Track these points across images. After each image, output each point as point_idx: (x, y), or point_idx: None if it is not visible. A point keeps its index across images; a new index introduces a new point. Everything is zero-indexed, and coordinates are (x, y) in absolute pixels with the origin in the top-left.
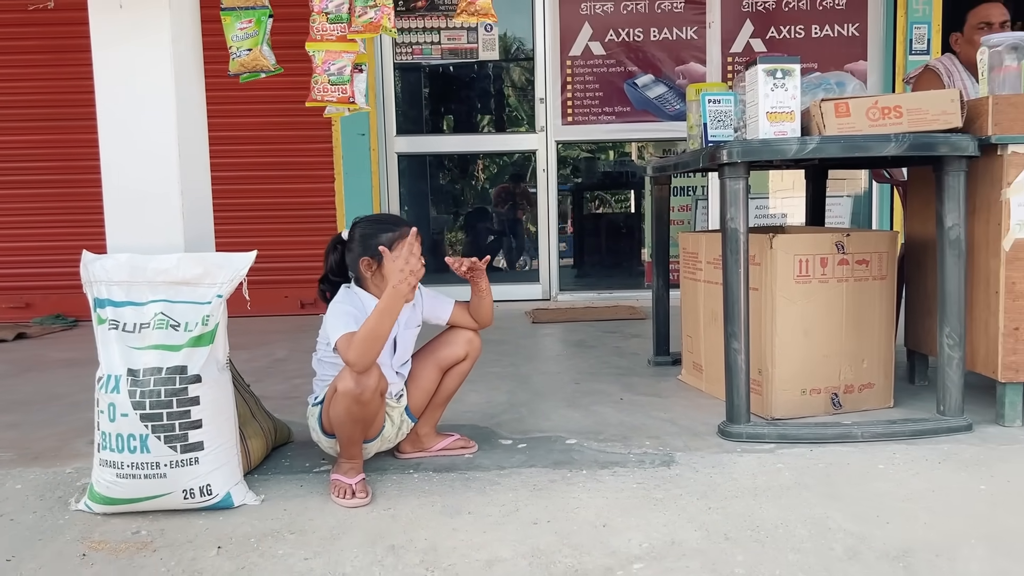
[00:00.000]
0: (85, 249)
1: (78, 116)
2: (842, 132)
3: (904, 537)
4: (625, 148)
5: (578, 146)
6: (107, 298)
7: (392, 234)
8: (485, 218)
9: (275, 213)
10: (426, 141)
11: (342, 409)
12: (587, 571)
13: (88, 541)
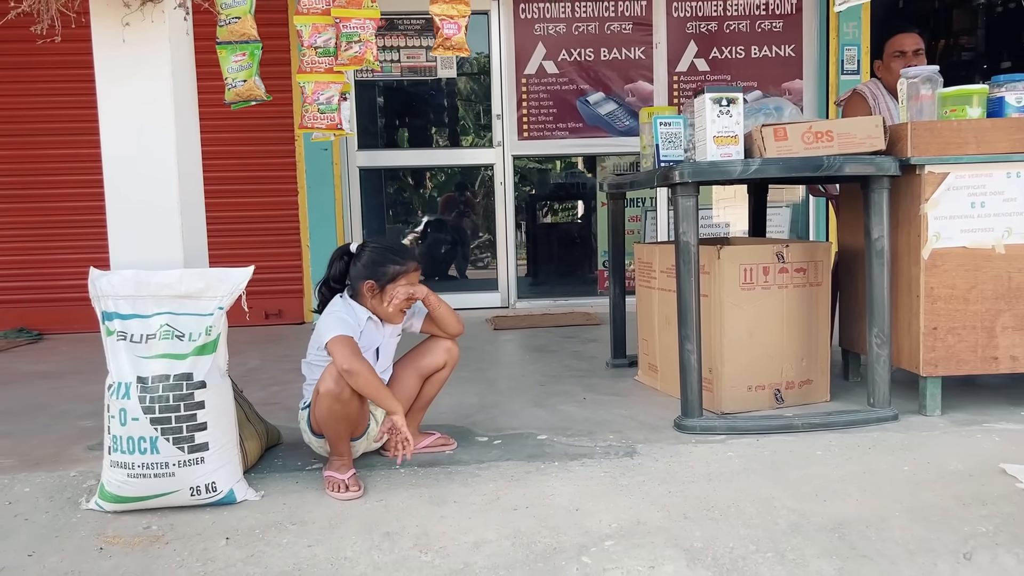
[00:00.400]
0: (92, 266)
1: (38, 132)
2: (780, 155)
3: (839, 512)
4: (574, 161)
5: (530, 159)
6: (114, 311)
7: (399, 267)
8: (442, 229)
9: (241, 226)
10: (387, 155)
11: (325, 408)
12: (564, 548)
13: (103, 536)
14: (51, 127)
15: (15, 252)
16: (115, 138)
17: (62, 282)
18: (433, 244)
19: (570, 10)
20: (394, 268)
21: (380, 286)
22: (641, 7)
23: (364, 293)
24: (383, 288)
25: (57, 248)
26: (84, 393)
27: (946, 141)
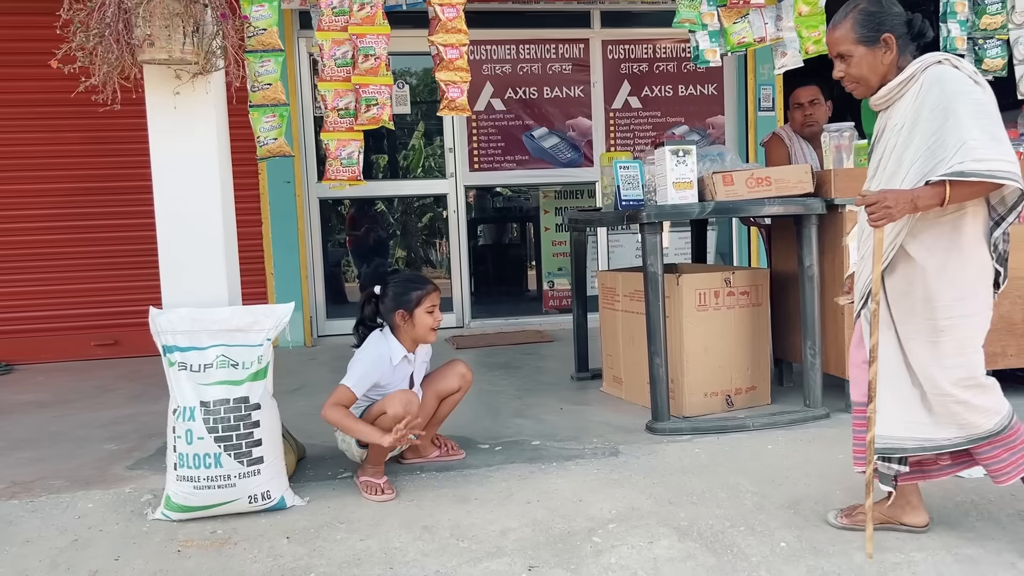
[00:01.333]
0: (153, 306)
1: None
2: (729, 198)
3: (792, 493)
4: (521, 190)
5: (480, 189)
6: (174, 344)
7: (420, 292)
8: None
9: None
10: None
11: (388, 427)
12: (576, 532)
13: (177, 541)
14: (12, 163)
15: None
16: (166, 193)
17: (31, 313)
18: (386, 268)
19: (515, 52)
20: (417, 294)
21: (409, 312)
22: (579, 50)
23: (398, 323)
24: (412, 313)
25: (26, 280)
26: (90, 420)
27: (862, 184)
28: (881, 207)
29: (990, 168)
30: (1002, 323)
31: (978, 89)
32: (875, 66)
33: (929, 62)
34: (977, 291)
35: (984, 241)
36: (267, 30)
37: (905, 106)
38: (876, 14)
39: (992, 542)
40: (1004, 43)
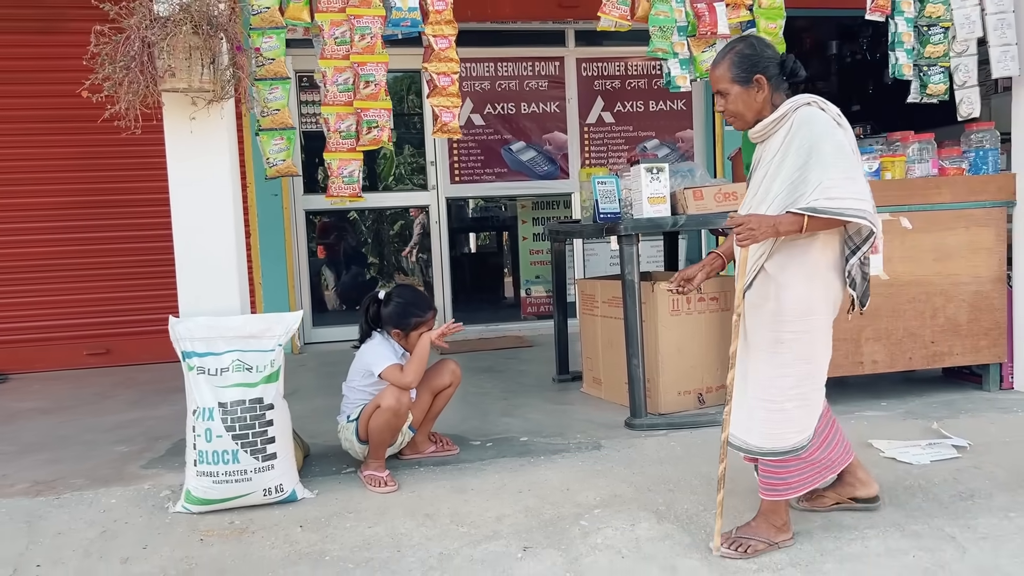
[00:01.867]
0: (173, 315)
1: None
2: (699, 211)
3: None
4: (500, 201)
5: (461, 200)
6: (192, 351)
7: (419, 319)
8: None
9: None
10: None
11: (383, 421)
12: (565, 516)
13: (198, 531)
14: (5, 178)
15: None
16: (183, 210)
17: (24, 324)
18: (371, 277)
19: (493, 69)
20: (415, 320)
21: (405, 334)
22: (555, 67)
23: (393, 336)
24: (407, 335)
25: (20, 292)
26: (96, 425)
27: None
28: (746, 229)
29: (840, 207)
30: (948, 324)
31: (840, 131)
32: (749, 103)
33: (800, 103)
34: (819, 309)
35: (834, 267)
36: (275, 60)
37: (777, 141)
38: (750, 56)
39: (936, 519)
40: (946, 70)
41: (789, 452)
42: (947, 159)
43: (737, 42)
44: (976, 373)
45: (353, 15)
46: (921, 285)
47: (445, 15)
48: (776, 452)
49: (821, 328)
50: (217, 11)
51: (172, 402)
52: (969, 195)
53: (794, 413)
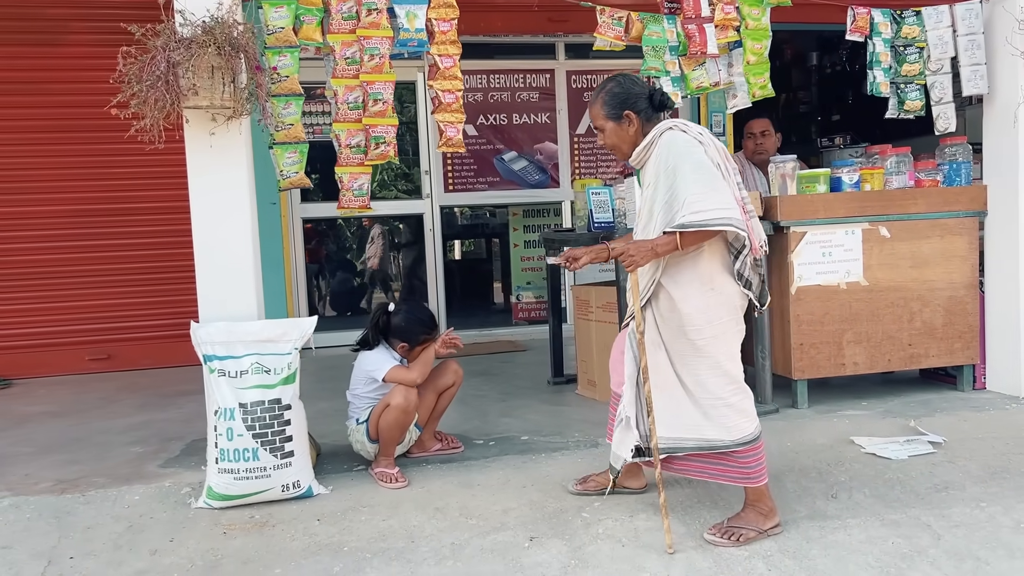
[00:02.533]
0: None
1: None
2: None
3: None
4: (491, 209)
5: (454, 208)
6: (213, 354)
7: (426, 336)
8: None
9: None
10: (327, 207)
11: (393, 419)
12: (567, 509)
13: (221, 525)
14: (10, 186)
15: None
16: (203, 221)
17: (28, 330)
18: (367, 283)
19: (486, 81)
20: (423, 337)
21: (411, 347)
22: (546, 79)
23: (397, 348)
24: (412, 349)
25: (23, 298)
26: (107, 428)
27: (803, 209)
28: (627, 256)
29: (704, 218)
30: (925, 328)
31: (700, 148)
32: (623, 137)
33: (663, 128)
34: (720, 314)
35: (725, 272)
36: (289, 77)
37: (651, 166)
38: (619, 95)
39: (913, 509)
40: (922, 87)
41: (753, 440)
42: (923, 171)
43: (608, 82)
44: (951, 374)
45: (363, 36)
46: (899, 291)
47: (450, 35)
48: (742, 442)
49: (730, 327)
50: (237, 32)
51: (177, 406)
52: (944, 205)
53: (741, 405)
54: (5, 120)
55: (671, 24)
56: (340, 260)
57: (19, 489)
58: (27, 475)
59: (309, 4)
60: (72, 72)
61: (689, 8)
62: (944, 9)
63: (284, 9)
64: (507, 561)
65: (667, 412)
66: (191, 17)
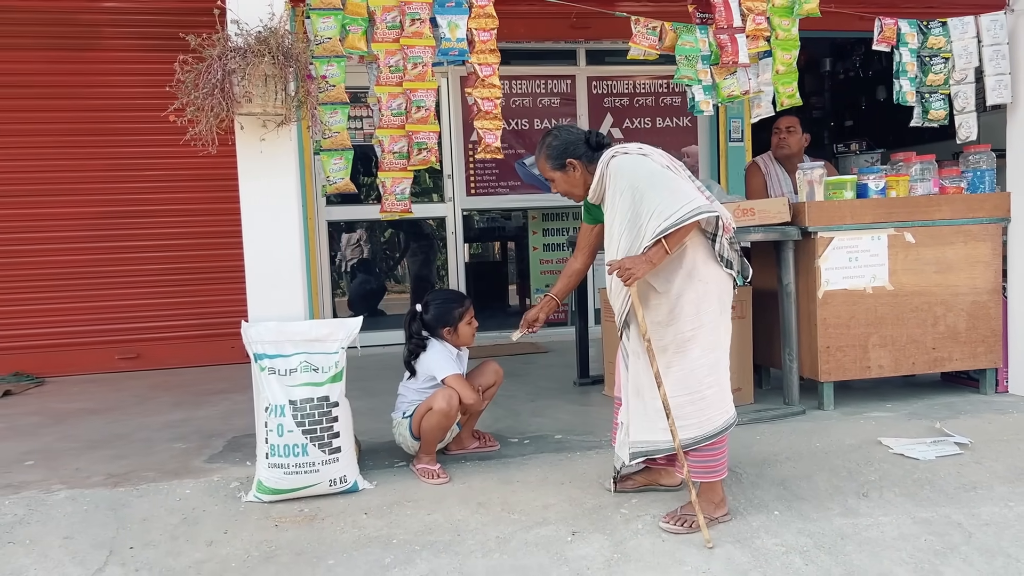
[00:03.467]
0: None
1: (34, 192)
2: None
3: (781, 473)
4: (512, 213)
5: (476, 212)
6: (263, 353)
7: (461, 309)
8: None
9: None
10: (352, 210)
11: (435, 421)
12: (606, 506)
13: (272, 518)
14: (42, 188)
15: (9, 302)
16: (253, 224)
17: (60, 329)
18: (390, 284)
19: (508, 87)
20: (458, 311)
21: (454, 327)
22: (566, 85)
23: (445, 336)
24: (456, 328)
25: (55, 298)
26: (147, 424)
27: (831, 215)
28: (625, 270)
29: (679, 218)
30: (948, 332)
31: (647, 160)
32: (572, 182)
33: (607, 159)
34: (710, 302)
35: (710, 259)
36: (336, 86)
37: (608, 197)
38: (557, 147)
39: (943, 508)
40: (946, 97)
41: (720, 432)
42: (947, 178)
43: (546, 136)
44: (974, 377)
45: (406, 45)
46: (923, 295)
47: (489, 45)
48: (709, 436)
49: (716, 316)
50: (289, 41)
51: (211, 403)
52: (968, 212)
53: (714, 398)
54: (39, 123)
55: (704, 34)
56: (363, 261)
57: (73, 482)
58: (78, 469)
59: (355, 14)
60: (104, 76)
61: (721, 19)
62: (970, 20)
63: (331, 19)
64: (551, 554)
65: (645, 417)
66: (245, 27)
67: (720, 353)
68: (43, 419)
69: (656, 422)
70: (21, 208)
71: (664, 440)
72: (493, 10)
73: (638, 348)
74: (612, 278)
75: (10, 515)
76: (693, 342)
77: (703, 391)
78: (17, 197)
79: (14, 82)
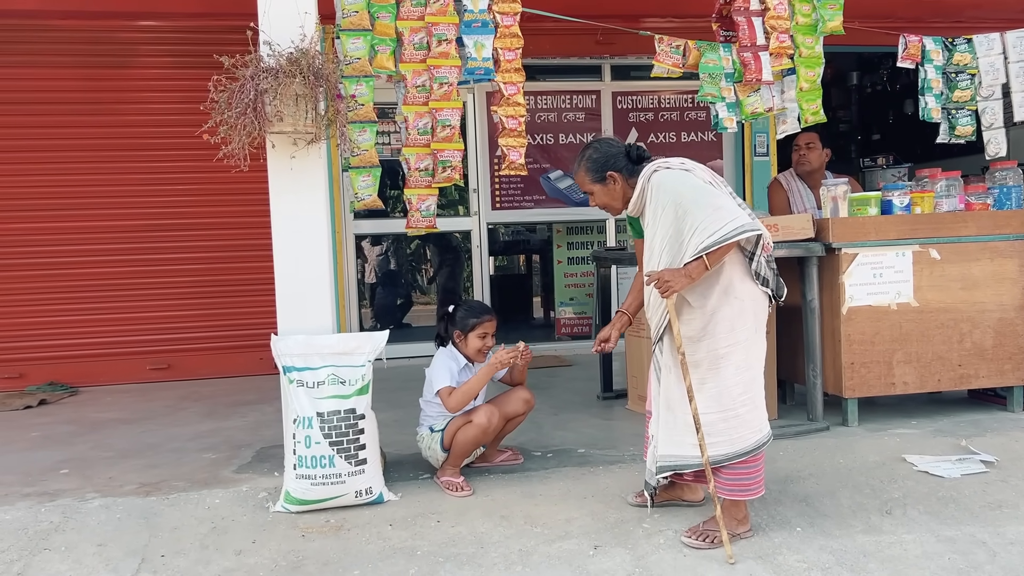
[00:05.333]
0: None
1: (68, 207)
2: None
3: (804, 490)
4: (537, 226)
5: (501, 225)
6: (291, 365)
7: (474, 320)
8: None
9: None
10: (380, 223)
11: (471, 436)
12: (627, 520)
13: (299, 528)
14: (77, 202)
15: (45, 313)
16: (284, 238)
17: (92, 339)
18: (416, 297)
19: (533, 102)
20: (472, 321)
21: (464, 334)
22: (591, 100)
23: (457, 340)
24: (466, 336)
25: (89, 309)
26: (178, 435)
27: (855, 231)
28: (663, 282)
29: (722, 235)
30: (975, 349)
31: (690, 176)
32: (612, 195)
33: (648, 173)
34: (746, 321)
35: (747, 277)
36: (364, 106)
37: (648, 211)
38: (598, 159)
39: (967, 526)
40: (973, 113)
41: (752, 451)
42: (973, 195)
43: (586, 149)
44: (1001, 395)
45: (433, 65)
46: (949, 312)
47: (514, 64)
48: (741, 453)
49: (751, 335)
50: (320, 62)
51: (240, 415)
52: (994, 228)
53: (747, 416)
54: (73, 139)
55: (727, 52)
56: (389, 274)
57: (106, 491)
58: (111, 478)
59: (383, 35)
60: (139, 93)
61: (745, 37)
62: (995, 37)
63: (360, 40)
64: (574, 568)
65: (674, 431)
66: (277, 48)
67: (756, 372)
68: (77, 428)
69: (685, 436)
70: (56, 221)
71: (693, 455)
72: (519, 30)
73: (671, 362)
74: (650, 291)
75: (46, 522)
76: (727, 359)
77: (736, 408)
78: (53, 211)
79: (54, 99)
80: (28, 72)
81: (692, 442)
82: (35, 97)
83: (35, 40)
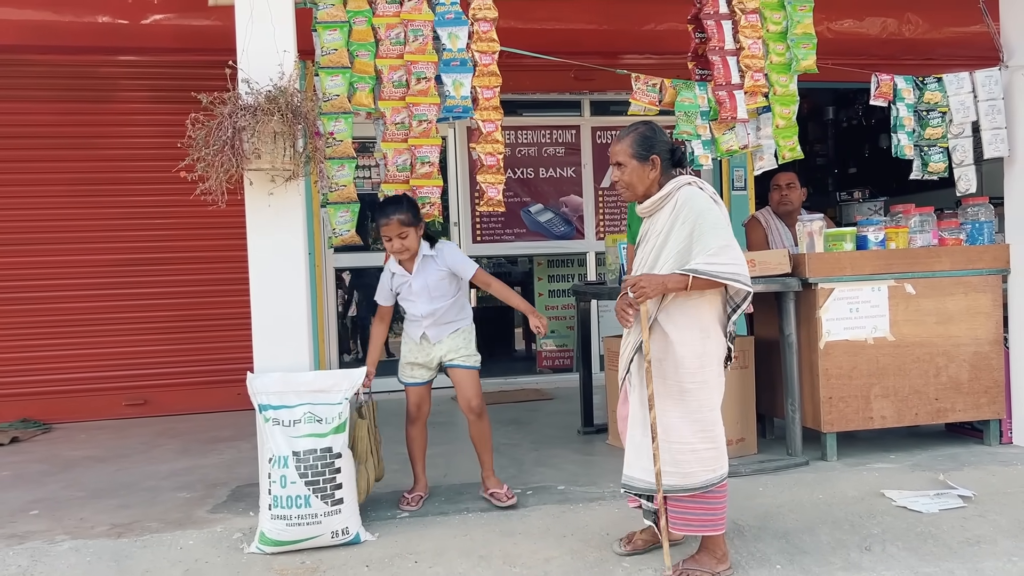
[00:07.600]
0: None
1: (43, 241)
2: None
3: (783, 526)
4: (517, 259)
5: (481, 259)
6: (267, 403)
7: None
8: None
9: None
10: (359, 257)
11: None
12: (607, 559)
13: (274, 570)
14: (52, 236)
15: (18, 349)
16: (260, 275)
17: (66, 375)
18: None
19: (514, 137)
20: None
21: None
22: (571, 135)
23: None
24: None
25: (62, 344)
26: (153, 473)
27: (831, 266)
28: (638, 287)
29: (719, 270)
30: (951, 383)
31: (716, 208)
32: (642, 178)
33: (682, 183)
34: (712, 362)
35: (718, 324)
36: (343, 142)
37: (664, 216)
38: (650, 138)
39: (946, 562)
40: (945, 150)
41: (701, 488)
42: (946, 230)
43: (641, 124)
44: (977, 428)
45: (412, 103)
46: (925, 346)
47: (492, 102)
48: (689, 488)
49: (715, 377)
50: (298, 100)
51: (217, 451)
52: (967, 263)
53: (704, 453)
54: (50, 172)
55: (703, 91)
56: (369, 308)
57: (77, 533)
58: (82, 519)
59: (363, 72)
60: (117, 127)
61: (720, 76)
62: (965, 76)
63: (339, 78)
64: None
65: (630, 451)
66: (256, 85)
67: (716, 413)
68: (49, 467)
69: (638, 459)
70: (30, 256)
71: (642, 479)
72: (497, 69)
73: (637, 382)
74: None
75: (14, 566)
76: (692, 395)
77: (694, 444)
78: (27, 245)
79: (31, 133)
80: (6, 107)
81: (644, 467)
82: (12, 132)
83: (14, 75)
